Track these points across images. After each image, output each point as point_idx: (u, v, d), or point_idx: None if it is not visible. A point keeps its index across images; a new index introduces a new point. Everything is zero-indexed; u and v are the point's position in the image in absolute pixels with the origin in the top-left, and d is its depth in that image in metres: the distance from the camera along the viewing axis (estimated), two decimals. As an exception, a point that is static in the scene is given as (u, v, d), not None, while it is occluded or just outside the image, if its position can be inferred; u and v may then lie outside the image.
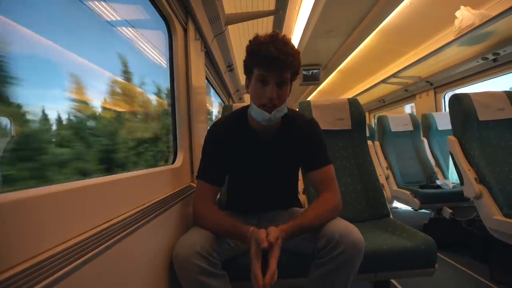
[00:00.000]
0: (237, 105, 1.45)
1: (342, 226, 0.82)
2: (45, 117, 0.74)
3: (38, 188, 0.45)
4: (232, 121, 1.00)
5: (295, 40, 2.81)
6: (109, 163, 1.03)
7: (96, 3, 0.92)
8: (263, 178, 1.02)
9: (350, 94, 4.56)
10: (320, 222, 0.84)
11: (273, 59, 0.81)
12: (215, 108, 3.36)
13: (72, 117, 0.85)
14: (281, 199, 1.09)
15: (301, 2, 2.23)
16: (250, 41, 0.88)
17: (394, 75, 3.10)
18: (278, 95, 0.86)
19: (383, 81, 3.32)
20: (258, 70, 0.86)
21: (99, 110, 1.00)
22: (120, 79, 1.09)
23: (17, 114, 0.64)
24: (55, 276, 0.43)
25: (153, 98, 1.41)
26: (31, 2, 0.67)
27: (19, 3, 0.61)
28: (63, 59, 0.79)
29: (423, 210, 2.48)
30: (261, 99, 0.87)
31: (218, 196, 1.36)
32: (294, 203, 1.13)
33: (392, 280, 1.48)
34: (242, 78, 2.17)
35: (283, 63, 0.82)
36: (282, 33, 0.86)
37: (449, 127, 1.85)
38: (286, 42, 0.84)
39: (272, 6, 2.09)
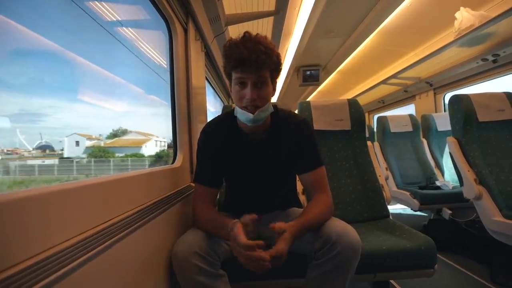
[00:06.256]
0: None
1: (339, 226, 0.82)
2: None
3: (40, 187, 0.45)
4: (222, 123, 0.99)
5: (295, 41, 2.81)
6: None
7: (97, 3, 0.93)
8: (257, 179, 1.01)
9: (350, 95, 4.55)
10: (322, 221, 0.85)
11: (246, 61, 0.80)
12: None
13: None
14: (279, 200, 1.08)
15: (301, 3, 2.23)
16: (224, 45, 0.87)
17: (394, 76, 3.10)
18: (259, 95, 0.85)
19: (383, 81, 3.32)
20: (235, 73, 0.85)
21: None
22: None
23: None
24: (57, 274, 0.43)
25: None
26: None
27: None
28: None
29: (418, 213, 2.47)
30: (242, 101, 0.86)
31: (218, 197, 1.36)
32: (293, 204, 1.13)
33: (392, 281, 1.48)
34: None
35: (257, 63, 0.81)
36: (282, 34, 0.86)
37: (449, 128, 1.85)
38: (259, 41, 0.82)
39: (272, 7, 2.10)
